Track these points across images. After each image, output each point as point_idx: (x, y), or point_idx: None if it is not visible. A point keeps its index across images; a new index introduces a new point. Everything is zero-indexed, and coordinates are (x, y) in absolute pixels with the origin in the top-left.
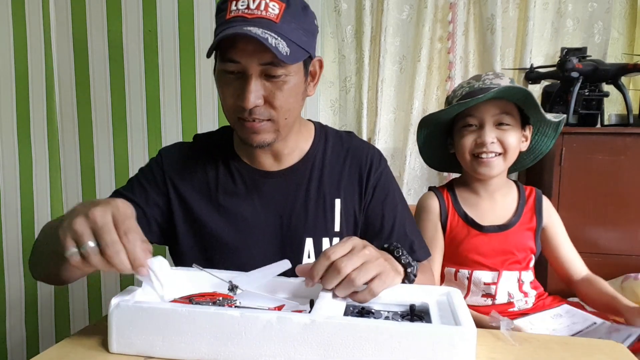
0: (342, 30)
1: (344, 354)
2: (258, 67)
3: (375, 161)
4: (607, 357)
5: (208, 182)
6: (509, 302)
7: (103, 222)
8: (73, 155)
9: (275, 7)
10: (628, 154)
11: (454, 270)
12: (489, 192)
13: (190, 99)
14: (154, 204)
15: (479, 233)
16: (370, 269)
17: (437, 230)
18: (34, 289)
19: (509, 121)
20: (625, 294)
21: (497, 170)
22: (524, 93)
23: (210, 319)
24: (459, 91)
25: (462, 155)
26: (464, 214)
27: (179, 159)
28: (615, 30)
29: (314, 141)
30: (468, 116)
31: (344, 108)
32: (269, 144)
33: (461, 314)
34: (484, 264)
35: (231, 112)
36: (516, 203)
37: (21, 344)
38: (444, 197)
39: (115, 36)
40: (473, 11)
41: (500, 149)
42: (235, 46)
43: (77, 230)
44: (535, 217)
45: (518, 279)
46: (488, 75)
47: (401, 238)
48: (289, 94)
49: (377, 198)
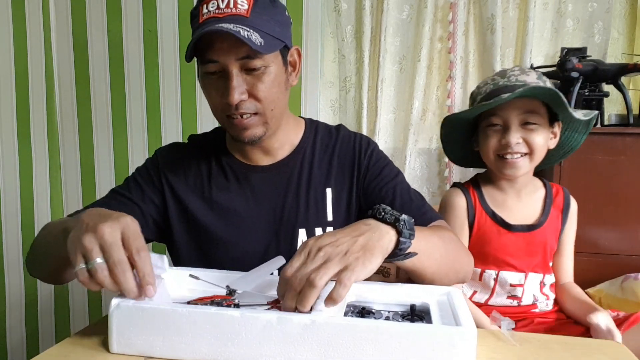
0: (342, 30)
1: (344, 355)
2: (236, 63)
3: (363, 145)
4: (608, 357)
5: (202, 179)
6: (533, 304)
7: (112, 240)
8: (73, 155)
9: (244, 3)
10: (628, 154)
11: (480, 270)
12: (516, 190)
13: (190, 99)
14: (150, 201)
15: (507, 232)
16: (330, 267)
17: (464, 228)
18: (34, 289)
19: (535, 120)
20: (625, 294)
21: (522, 170)
22: (550, 93)
23: (211, 319)
24: (483, 88)
25: (487, 155)
26: (492, 213)
27: (174, 157)
28: (615, 30)
29: (303, 135)
30: (492, 115)
31: (344, 108)
32: (259, 138)
33: (462, 314)
34: (512, 264)
35: (219, 112)
36: (542, 202)
37: (21, 344)
38: (470, 194)
39: (115, 36)
40: (473, 11)
41: (525, 149)
42: (212, 46)
43: (86, 246)
44: (561, 217)
45: (541, 281)
46: (513, 71)
47: (406, 204)
48: (271, 85)
49: (373, 174)
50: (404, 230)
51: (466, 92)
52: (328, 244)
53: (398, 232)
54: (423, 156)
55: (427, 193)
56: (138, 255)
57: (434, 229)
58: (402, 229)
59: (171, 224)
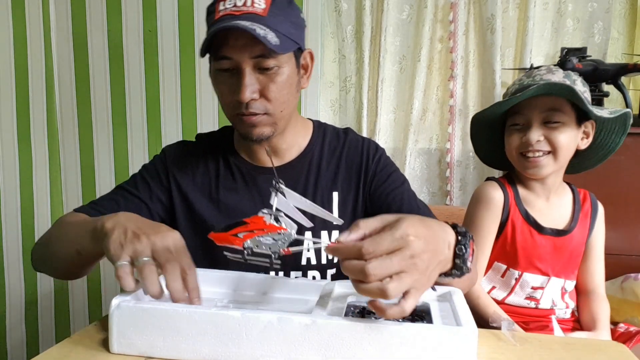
0: (342, 30)
1: (345, 355)
2: (250, 61)
3: (371, 150)
4: (608, 358)
5: (209, 179)
6: (551, 309)
7: (163, 246)
8: (73, 155)
9: (261, 2)
10: (628, 154)
11: (505, 267)
12: (545, 192)
13: (190, 99)
14: (157, 200)
15: (538, 234)
16: (405, 280)
17: (495, 224)
18: (34, 289)
19: (559, 118)
20: (625, 294)
21: (546, 170)
22: (562, 88)
23: (211, 320)
24: (511, 88)
25: (510, 153)
26: (526, 212)
27: (182, 156)
28: (615, 30)
29: (311, 138)
30: (515, 114)
31: (344, 108)
32: (267, 137)
33: (462, 314)
34: (537, 267)
35: (229, 109)
36: (571, 207)
37: (21, 344)
38: (507, 191)
39: (115, 36)
40: (473, 11)
41: (548, 147)
42: (227, 43)
43: (137, 248)
44: (589, 224)
45: (562, 287)
46: (540, 71)
47: (413, 211)
48: (283, 86)
49: (380, 180)
50: (460, 266)
51: (467, 92)
52: (420, 252)
53: (455, 266)
54: (423, 156)
55: (427, 193)
56: (190, 269)
57: None
58: (461, 270)
59: (177, 223)
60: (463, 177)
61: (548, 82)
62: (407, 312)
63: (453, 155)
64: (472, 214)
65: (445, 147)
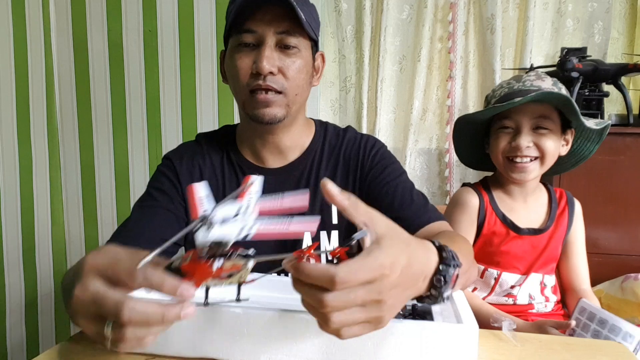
0: (342, 30)
1: (347, 352)
2: (274, 36)
3: (369, 145)
4: (609, 358)
5: (217, 181)
6: (529, 304)
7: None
8: (73, 155)
9: None
10: (628, 154)
11: (483, 268)
12: (523, 195)
13: (190, 99)
14: (179, 203)
15: (516, 235)
16: (363, 325)
17: (472, 227)
18: (34, 289)
19: (547, 125)
20: (625, 294)
21: (532, 175)
22: (563, 99)
23: (213, 317)
24: (498, 91)
25: (496, 157)
26: (502, 215)
27: (187, 157)
28: (615, 30)
29: (314, 137)
30: (505, 118)
31: (344, 108)
32: (279, 120)
33: (463, 312)
34: (516, 266)
35: (244, 86)
36: (547, 206)
37: (21, 344)
38: (482, 195)
39: (115, 36)
40: (473, 11)
41: (536, 153)
42: (253, 17)
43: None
44: (567, 221)
45: (541, 282)
46: (529, 76)
47: (405, 203)
48: (301, 69)
49: (375, 174)
50: (435, 301)
51: (466, 92)
52: (390, 289)
53: (432, 285)
54: (423, 156)
55: (427, 193)
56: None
57: (460, 252)
58: (435, 301)
59: None
60: (462, 176)
61: (551, 92)
62: (343, 337)
63: (452, 155)
64: (449, 217)
65: (445, 147)
